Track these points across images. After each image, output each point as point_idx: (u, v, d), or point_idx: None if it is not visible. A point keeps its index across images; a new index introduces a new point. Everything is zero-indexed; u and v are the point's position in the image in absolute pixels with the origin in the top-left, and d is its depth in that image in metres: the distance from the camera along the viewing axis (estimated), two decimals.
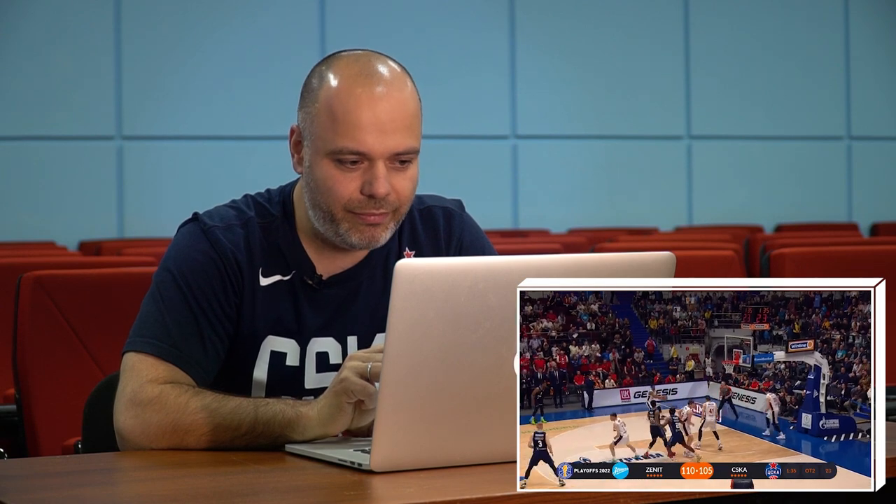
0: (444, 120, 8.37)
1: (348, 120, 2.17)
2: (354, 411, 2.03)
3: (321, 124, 2.20)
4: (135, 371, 2.16)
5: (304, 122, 2.23)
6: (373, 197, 2.18)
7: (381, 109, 2.17)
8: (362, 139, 2.17)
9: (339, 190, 2.19)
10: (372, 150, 2.17)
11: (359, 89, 2.18)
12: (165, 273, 2.23)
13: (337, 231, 2.22)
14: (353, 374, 2.00)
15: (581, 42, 8.91)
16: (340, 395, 2.01)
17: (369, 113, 2.17)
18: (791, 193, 9.35)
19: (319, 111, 2.20)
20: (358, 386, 1.99)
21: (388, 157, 2.18)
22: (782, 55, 9.36)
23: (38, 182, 7.65)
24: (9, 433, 3.43)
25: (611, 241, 6.35)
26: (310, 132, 2.22)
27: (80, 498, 1.79)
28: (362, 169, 2.19)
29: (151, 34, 7.86)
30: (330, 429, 2.05)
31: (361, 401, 2.01)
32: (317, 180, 2.21)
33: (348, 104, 2.18)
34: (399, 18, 8.40)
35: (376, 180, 2.18)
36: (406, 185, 2.21)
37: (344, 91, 2.19)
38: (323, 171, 2.20)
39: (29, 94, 7.62)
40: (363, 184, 2.19)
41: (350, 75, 2.20)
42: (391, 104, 2.18)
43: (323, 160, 2.20)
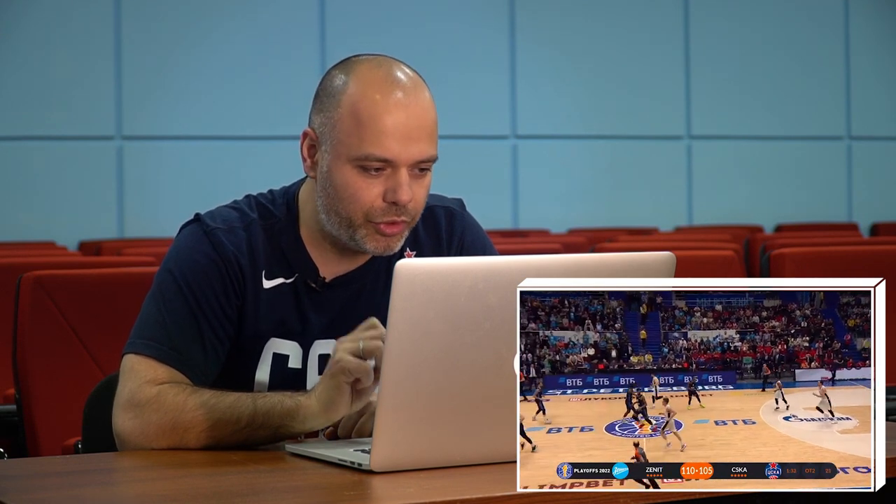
0: (444, 120, 8.26)
1: (374, 126, 2.17)
2: (352, 393, 2.02)
3: (345, 130, 2.19)
4: (133, 373, 2.16)
5: (324, 127, 2.22)
6: (395, 204, 2.18)
7: (406, 117, 2.18)
8: (389, 146, 2.17)
9: (361, 197, 2.18)
10: (398, 158, 2.17)
11: (385, 96, 2.18)
12: (167, 274, 2.22)
13: (353, 237, 2.21)
14: (346, 353, 1.99)
15: (581, 42, 8.91)
16: (338, 375, 2.00)
17: (395, 120, 2.17)
18: (791, 193, 9.35)
19: (343, 116, 2.19)
20: (353, 363, 1.98)
21: (411, 165, 2.19)
22: (782, 55, 9.36)
23: (38, 182, 7.65)
24: (9, 433, 3.43)
25: (611, 241, 6.35)
26: (330, 137, 2.21)
27: (80, 498, 1.79)
28: (385, 176, 2.19)
29: (151, 34, 7.86)
30: (331, 414, 2.03)
31: (358, 380, 2.00)
32: (337, 186, 2.20)
33: (374, 111, 2.17)
34: (399, 18, 8.40)
35: (400, 188, 2.18)
36: (422, 193, 2.23)
37: (369, 97, 2.18)
38: (345, 177, 2.19)
39: (29, 94, 7.62)
40: (386, 191, 2.18)
41: (374, 81, 2.19)
42: (416, 112, 2.19)
43: (345, 166, 2.19)
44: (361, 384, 2.00)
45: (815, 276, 1.88)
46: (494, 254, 2.38)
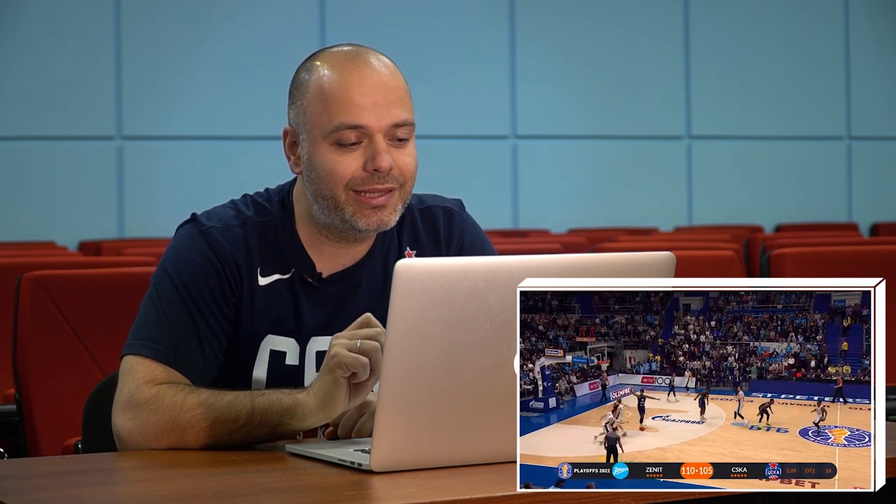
0: (444, 120, 8.37)
1: (342, 98, 2.19)
2: (350, 389, 2.02)
3: (315, 111, 2.21)
4: (132, 373, 2.16)
5: (297, 118, 2.24)
6: (376, 172, 2.19)
7: (372, 84, 2.20)
8: (357, 113, 2.19)
9: (340, 170, 2.19)
10: (369, 124, 2.19)
11: (348, 71, 2.21)
12: (163, 275, 2.23)
13: (343, 217, 2.22)
14: (342, 349, 1.99)
15: (581, 42, 8.91)
16: (334, 370, 2.00)
17: (362, 89, 2.19)
18: (791, 193, 9.35)
19: (311, 100, 2.22)
20: (350, 358, 1.98)
21: (386, 132, 2.20)
22: (782, 55, 9.36)
23: (38, 182, 7.65)
24: (9, 433, 3.43)
25: (611, 241, 6.35)
26: (304, 123, 2.23)
27: (80, 498, 1.79)
28: (362, 147, 2.20)
29: (151, 34, 7.86)
30: (329, 410, 2.03)
31: (355, 374, 2.00)
32: (317, 168, 2.21)
33: (340, 84, 2.20)
34: (399, 17, 8.40)
35: (378, 154, 2.19)
36: (408, 161, 2.23)
37: (334, 75, 2.21)
38: (323, 156, 2.20)
39: (29, 94, 7.62)
40: (365, 161, 2.20)
41: (338, 61, 2.23)
42: (382, 80, 2.21)
43: (322, 145, 2.20)
44: (358, 378, 2.00)
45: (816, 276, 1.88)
46: (494, 254, 2.37)
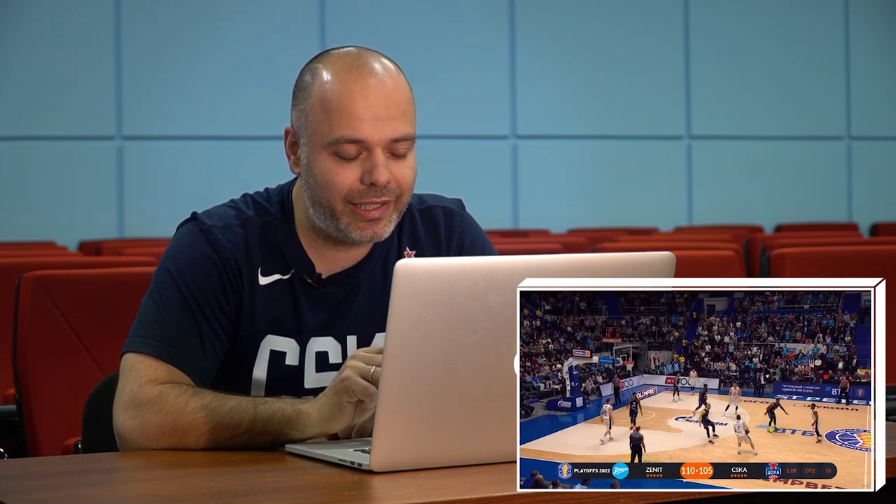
0: (444, 120, 8.37)
1: (343, 110, 2.18)
2: (354, 410, 2.03)
3: (316, 118, 2.20)
4: (134, 372, 2.16)
5: (299, 121, 2.24)
6: (373, 185, 2.18)
7: (375, 97, 2.18)
8: (358, 127, 2.17)
9: (338, 182, 2.19)
10: (369, 138, 2.18)
11: (352, 81, 2.19)
12: (164, 273, 2.23)
13: (338, 226, 2.22)
14: (355, 374, 2.00)
15: (581, 42, 8.91)
16: (341, 393, 2.01)
17: (364, 102, 2.18)
18: (791, 193, 9.35)
19: (314, 106, 2.20)
20: (360, 386, 1.99)
21: (386, 145, 2.19)
22: (782, 55, 9.35)
23: (38, 182, 7.65)
24: (9, 433, 3.43)
25: (611, 241, 6.34)
26: (305, 128, 2.22)
27: (80, 498, 1.79)
28: (361, 159, 2.19)
29: (151, 34, 7.86)
30: (329, 427, 2.05)
31: (362, 400, 2.01)
32: (315, 175, 2.21)
33: (342, 95, 2.18)
34: (399, 17, 8.40)
35: (376, 168, 2.18)
36: (406, 174, 2.22)
37: (337, 83, 2.19)
38: (322, 165, 2.20)
39: (29, 94, 7.62)
40: (363, 174, 2.19)
41: (342, 69, 2.21)
42: (385, 91, 2.19)
43: (321, 154, 2.20)
44: (364, 406, 2.01)
45: (816, 276, 1.88)
46: (494, 254, 2.37)
